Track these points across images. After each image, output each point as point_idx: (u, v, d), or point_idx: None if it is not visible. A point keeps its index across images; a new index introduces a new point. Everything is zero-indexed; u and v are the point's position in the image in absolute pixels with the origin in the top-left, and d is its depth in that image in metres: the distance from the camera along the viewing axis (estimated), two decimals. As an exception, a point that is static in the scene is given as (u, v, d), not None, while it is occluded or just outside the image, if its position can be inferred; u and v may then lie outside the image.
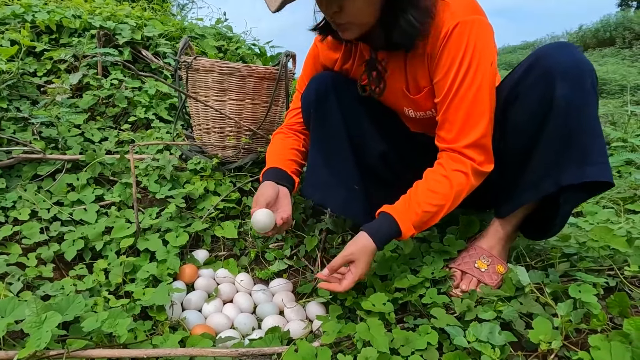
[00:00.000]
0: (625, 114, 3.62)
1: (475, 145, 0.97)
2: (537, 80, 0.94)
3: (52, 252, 1.22)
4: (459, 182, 0.97)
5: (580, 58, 0.91)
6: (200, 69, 1.51)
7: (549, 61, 0.92)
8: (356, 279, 0.96)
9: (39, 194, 1.38)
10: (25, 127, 1.60)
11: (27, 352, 0.74)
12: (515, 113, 1.00)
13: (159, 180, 1.50)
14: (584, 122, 0.90)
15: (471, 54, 0.93)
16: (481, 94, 0.95)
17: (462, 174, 0.97)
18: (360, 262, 0.97)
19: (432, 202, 0.97)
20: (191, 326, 1.06)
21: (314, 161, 1.19)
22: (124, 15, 2.23)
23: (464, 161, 0.97)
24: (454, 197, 0.97)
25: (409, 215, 0.97)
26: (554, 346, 0.81)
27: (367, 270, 0.98)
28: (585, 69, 0.90)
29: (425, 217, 0.98)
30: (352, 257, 0.97)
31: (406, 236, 0.98)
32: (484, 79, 0.94)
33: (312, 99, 1.16)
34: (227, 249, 1.43)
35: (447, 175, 0.98)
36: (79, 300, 0.89)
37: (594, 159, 0.90)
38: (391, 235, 0.98)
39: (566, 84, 0.90)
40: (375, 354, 0.80)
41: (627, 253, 1.00)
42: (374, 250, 0.97)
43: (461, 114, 0.96)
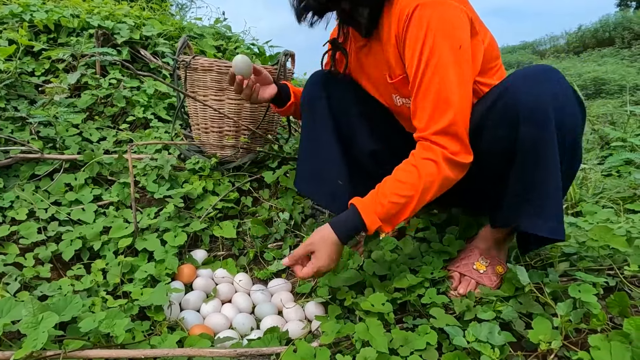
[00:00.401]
0: (624, 113, 3.62)
1: (445, 133, 0.90)
2: (503, 118, 0.91)
3: (49, 252, 1.21)
4: (428, 172, 0.90)
5: (547, 97, 0.85)
6: (198, 68, 1.50)
7: (514, 101, 0.88)
8: (315, 269, 0.95)
9: (37, 194, 1.37)
10: (23, 127, 1.60)
11: (23, 352, 0.73)
12: (483, 145, 0.96)
13: (157, 180, 1.50)
14: (543, 173, 0.88)
15: (433, 38, 0.88)
16: (447, 79, 0.89)
17: (431, 163, 0.90)
18: (319, 253, 0.95)
19: (399, 192, 0.91)
20: (189, 326, 1.06)
21: (303, 155, 1.27)
22: (123, 15, 2.23)
23: (433, 149, 0.91)
24: (423, 188, 0.90)
25: (374, 207, 0.92)
26: (553, 346, 0.80)
27: (327, 261, 0.95)
28: (549, 112, 0.84)
29: (393, 208, 0.91)
30: (312, 248, 0.96)
31: (372, 229, 0.92)
32: (450, 63, 0.89)
33: (306, 96, 1.24)
34: (226, 249, 1.43)
35: (416, 164, 0.92)
36: (76, 301, 0.89)
37: (548, 215, 0.90)
38: (355, 228, 0.94)
39: (529, 129, 0.86)
40: (374, 354, 0.80)
41: (627, 252, 1.00)
42: (336, 241, 0.94)
43: (429, 101, 0.91)
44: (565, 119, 0.86)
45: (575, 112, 0.88)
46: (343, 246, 0.97)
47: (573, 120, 0.88)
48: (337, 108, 1.21)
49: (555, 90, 0.86)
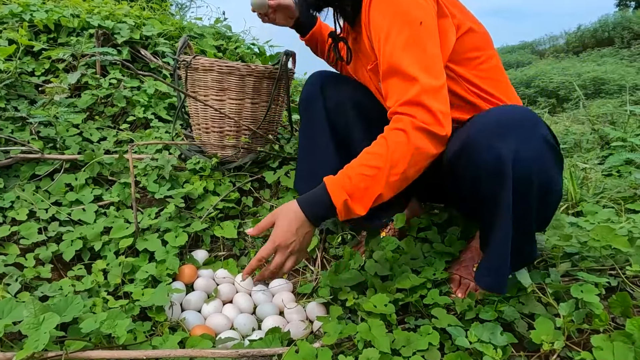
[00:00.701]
0: (624, 113, 3.62)
1: (412, 103, 0.86)
2: (464, 170, 0.91)
3: (50, 253, 1.21)
4: (396, 141, 0.85)
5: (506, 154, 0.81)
6: (199, 68, 1.50)
7: (474, 158, 0.86)
8: (271, 240, 0.89)
9: (37, 194, 1.37)
10: (23, 127, 1.59)
11: (25, 353, 0.73)
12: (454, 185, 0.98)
13: (158, 180, 1.50)
14: (494, 229, 0.88)
15: (391, 17, 0.89)
16: (410, 55, 0.87)
17: (399, 132, 0.85)
18: (278, 223, 0.90)
19: (365, 163, 0.86)
20: (191, 327, 1.06)
21: (301, 156, 1.30)
22: (123, 15, 2.22)
23: (402, 119, 0.87)
24: (392, 158, 0.84)
25: (341, 181, 0.87)
26: (556, 346, 0.80)
27: (286, 235, 0.88)
28: (506, 169, 0.81)
29: (361, 181, 0.85)
30: (273, 218, 0.91)
31: (338, 203, 0.85)
32: (411, 40, 0.87)
33: (303, 98, 1.26)
34: (227, 249, 1.43)
35: (384, 136, 0.88)
36: (77, 301, 0.88)
37: (486, 267, 0.92)
38: (319, 200, 0.88)
39: (488, 184, 0.85)
40: (376, 355, 0.80)
41: (629, 253, 0.99)
42: (298, 214, 0.88)
43: (394, 78, 0.89)
44: (530, 174, 0.82)
45: (542, 164, 0.83)
46: (310, 226, 0.90)
47: (539, 172, 0.83)
48: (333, 109, 1.22)
49: (517, 147, 0.81)
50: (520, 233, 0.87)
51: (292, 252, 0.91)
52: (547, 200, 0.90)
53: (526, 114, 0.85)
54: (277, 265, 0.92)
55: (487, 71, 1.03)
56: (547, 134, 0.86)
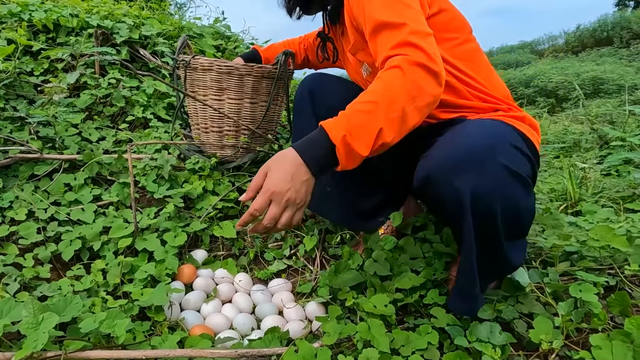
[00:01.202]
0: (623, 113, 3.63)
1: (403, 44, 0.83)
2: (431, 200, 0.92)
3: (49, 253, 1.21)
4: (390, 76, 0.81)
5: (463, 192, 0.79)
6: (198, 67, 1.50)
7: (437, 193, 0.85)
8: (264, 189, 0.79)
9: (36, 194, 1.37)
10: (22, 127, 1.59)
11: (23, 353, 0.73)
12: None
13: (157, 179, 1.50)
14: (462, 254, 0.87)
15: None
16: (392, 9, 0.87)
17: (394, 69, 0.81)
18: (271, 171, 0.80)
19: (363, 99, 0.81)
20: (190, 326, 1.06)
21: None
22: (122, 14, 2.22)
23: (394, 59, 0.83)
24: (389, 93, 0.80)
25: (338, 120, 0.81)
26: (555, 346, 0.80)
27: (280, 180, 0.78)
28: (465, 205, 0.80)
29: (358, 117, 0.79)
30: (266, 169, 0.81)
31: (337, 139, 0.77)
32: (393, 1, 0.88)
33: (296, 100, 1.27)
34: (226, 249, 1.43)
35: (379, 76, 0.83)
36: (76, 301, 0.88)
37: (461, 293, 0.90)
38: (317, 140, 0.80)
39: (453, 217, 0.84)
40: (376, 355, 0.80)
41: (628, 252, 1.00)
42: (295, 158, 0.79)
43: (382, 33, 0.88)
44: (491, 206, 0.80)
45: (503, 193, 0.81)
46: (307, 171, 0.80)
47: (502, 201, 0.81)
48: (322, 111, 1.21)
49: (473, 182, 0.79)
50: (489, 254, 0.87)
51: (289, 202, 0.79)
52: (518, 220, 0.88)
53: (483, 142, 0.82)
54: (272, 217, 0.79)
55: (465, 53, 1.01)
56: (507, 160, 0.81)
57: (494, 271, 0.92)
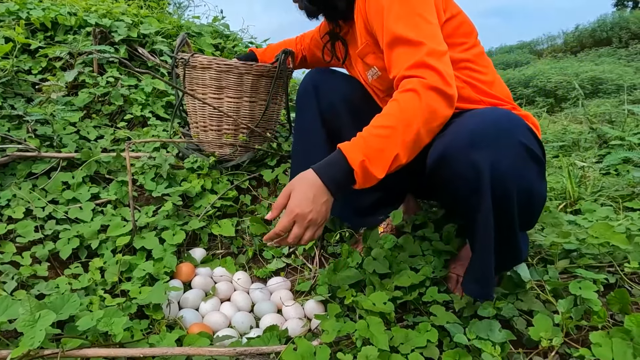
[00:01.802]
0: (622, 112, 3.63)
1: (420, 65, 0.85)
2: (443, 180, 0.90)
3: (47, 251, 1.20)
4: (407, 99, 0.84)
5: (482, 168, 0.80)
6: (197, 66, 1.50)
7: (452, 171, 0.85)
8: (288, 211, 0.84)
9: (34, 192, 1.36)
10: (20, 125, 1.58)
11: (20, 351, 0.72)
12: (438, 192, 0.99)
13: (155, 178, 1.49)
14: (473, 238, 0.89)
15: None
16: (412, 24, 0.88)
17: (410, 92, 0.84)
18: (294, 193, 0.84)
19: (379, 124, 0.84)
20: (188, 325, 1.05)
21: (295, 153, 1.30)
22: (120, 13, 2.21)
23: (411, 81, 0.86)
24: (405, 117, 0.83)
25: (355, 143, 0.84)
26: (554, 343, 0.80)
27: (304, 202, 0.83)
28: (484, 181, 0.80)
29: (376, 142, 0.82)
30: (289, 189, 0.86)
31: (355, 163, 0.82)
32: (413, 10, 0.89)
33: (298, 97, 1.27)
34: (225, 247, 1.42)
35: (395, 98, 0.86)
36: (74, 299, 0.88)
37: (471, 277, 0.92)
38: (336, 163, 0.84)
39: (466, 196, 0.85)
40: (375, 353, 0.79)
41: (627, 250, 1.00)
42: (315, 180, 0.84)
43: (399, 47, 0.89)
44: (508, 184, 0.82)
45: (520, 172, 0.83)
46: (327, 192, 0.85)
47: (519, 181, 0.82)
48: (326, 109, 1.22)
49: (492, 158, 0.80)
50: (504, 239, 0.87)
51: (311, 222, 0.85)
52: (530, 205, 0.89)
53: (502, 121, 0.83)
54: (296, 236, 0.85)
55: (473, 55, 1.04)
56: (526, 140, 0.83)
57: (506, 258, 0.91)
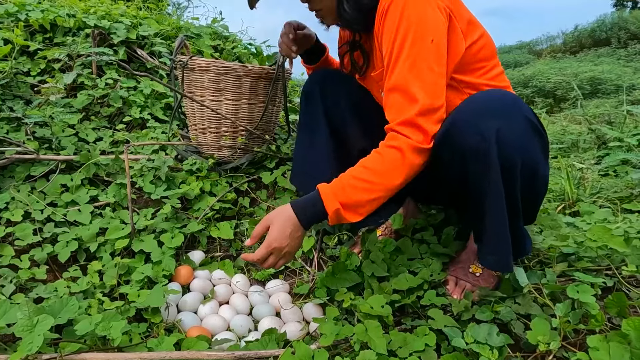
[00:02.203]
0: (621, 113, 3.63)
1: (410, 124, 0.90)
2: (452, 156, 0.91)
3: (45, 254, 1.20)
4: (391, 158, 0.90)
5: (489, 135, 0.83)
6: (196, 68, 1.50)
7: (458, 137, 0.88)
8: (266, 244, 0.91)
9: (32, 195, 1.36)
10: (19, 127, 1.59)
11: (18, 356, 0.72)
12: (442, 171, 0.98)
13: (154, 180, 1.49)
14: (487, 210, 0.89)
15: (405, 31, 0.90)
16: (416, 72, 0.90)
17: (395, 150, 0.90)
18: (272, 227, 0.92)
19: (360, 176, 0.91)
20: (187, 328, 1.05)
21: (298, 151, 1.30)
22: (119, 14, 2.21)
23: (398, 138, 0.91)
24: (386, 174, 0.90)
25: (334, 189, 0.91)
26: (552, 347, 0.80)
27: (280, 237, 0.91)
28: (491, 148, 0.83)
29: (354, 193, 0.90)
30: (267, 222, 0.94)
31: (330, 210, 0.89)
32: (419, 56, 0.89)
33: (304, 94, 1.27)
34: (223, 250, 1.42)
35: (380, 152, 0.92)
36: (72, 303, 0.88)
37: (493, 249, 0.92)
38: (312, 206, 0.91)
39: (473, 166, 0.87)
40: (373, 356, 0.80)
41: (625, 253, 1.00)
42: (292, 218, 0.92)
43: (397, 92, 0.92)
44: (512, 153, 0.84)
45: (525, 143, 0.85)
46: (302, 229, 0.93)
47: (523, 151, 0.85)
48: (332, 107, 1.24)
49: (499, 125, 0.83)
50: (511, 217, 0.88)
51: (285, 254, 0.95)
52: (534, 185, 0.91)
53: (508, 97, 0.88)
54: (270, 265, 0.95)
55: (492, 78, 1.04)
56: (531, 116, 0.87)
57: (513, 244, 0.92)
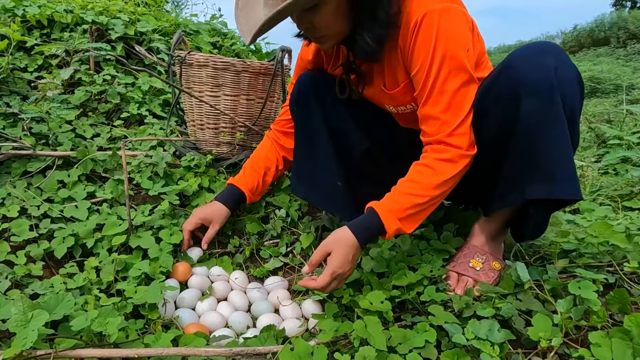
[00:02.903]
0: (621, 112, 3.63)
1: (458, 134, 0.94)
2: (503, 94, 0.92)
3: (41, 250, 1.19)
4: (444, 170, 0.94)
5: (549, 69, 0.86)
6: (194, 63, 1.48)
7: (516, 74, 0.89)
8: (330, 271, 0.92)
9: (29, 191, 1.35)
10: (15, 123, 1.57)
11: (12, 351, 0.71)
12: (485, 123, 0.97)
13: (152, 176, 1.48)
14: (548, 141, 0.88)
15: (443, 45, 0.91)
16: (460, 84, 0.93)
17: (448, 163, 0.94)
18: (335, 254, 0.93)
19: (415, 192, 0.94)
20: (184, 325, 1.04)
21: (298, 158, 1.25)
22: (117, 10, 2.20)
23: (450, 150, 0.95)
24: (440, 185, 0.94)
25: (391, 207, 0.94)
26: (554, 343, 0.79)
27: (343, 263, 0.93)
28: (553, 83, 0.85)
29: (411, 208, 0.94)
30: (327, 249, 0.94)
31: (390, 230, 0.93)
32: (460, 67, 0.92)
33: (295, 98, 1.22)
34: (222, 247, 1.41)
35: (430, 165, 0.95)
36: (68, 299, 0.87)
37: (561, 177, 0.88)
38: (372, 228, 0.94)
39: (531, 101, 0.87)
40: (373, 353, 0.79)
41: (627, 249, 0.99)
42: (354, 243, 0.94)
43: (441, 106, 0.94)
44: (565, 91, 0.86)
45: (574, 86, 0.89)
46: (360, 250, 0.96)
47: (573, 93, 0.88)
48: (329, 107, 1.20)
49: (556, 63, 0.86)
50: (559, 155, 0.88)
51: (346, 277, 0.97)
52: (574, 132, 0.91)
53: (559, 47, 0.91)
54: (332, 289, 0.97)
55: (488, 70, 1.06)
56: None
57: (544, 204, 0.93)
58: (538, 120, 0.87)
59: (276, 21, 0.90)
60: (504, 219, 1.06)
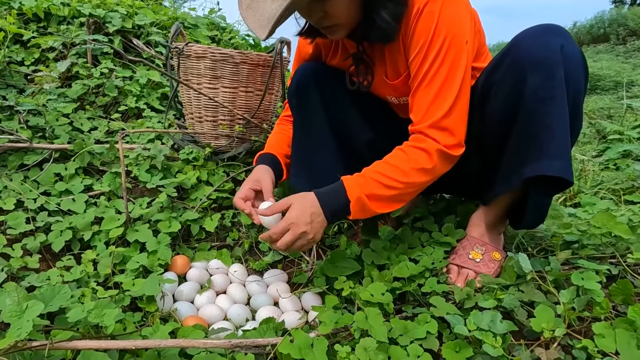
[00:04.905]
0: (621, 108, 3.62)
1: (440, 127, 0.92)
2: (509, 71, 0.91)
3: (38, 243, 1.18)
4: (416, 158, 0.92)
5: (556, 47, 0.85)
6: (192, 55, 1.47)
7: (521, 51, 0.89)
8: (286, 221, 0.91)
9: (25, 184, 1.33)
10: (12, 116, 1.55)
11: (7, 342, 0.70)
12: (490, 103, 0.96)
13: (150, 169, 1.46)
14: (547, 117, 0.87)
15: (443, 34, 0.90)
16: (452, 75, 0.91)
17: (422, 151, 0.93)
18: (293, 206, 0.92)
19: (383, 172, 0.93)
20: (183, 317, 1.03)
21: (297, 151, 1.22)
22: (114, 3, 2.18)
23: (427, 141, 0.93)
24: (410, 172, 0.92)
25: (358, 181, 0.93)
26: (557, 334, 0.78)
27: (300, 216, 0.90)
28: (558, 59, 0.84)
29: (377, 187, 0.92)
30: (288, 201, 0.94)
31: (353, 198, 0.91)
32: (456, 59, 0.91)
33: (293, 90, 1.19)
34: (221, 240, 1.40)
35: (406, 151, 0.94)
36: (64, 290, 0.85)
37: (551, 154, 0.86)
38: (336, 195, 0.93)
39: (536, 77, 0.86)
40: (374, 344, 0.77)
41: (630, 240, 0.98)
42: (314, 202, 0.93)
43: (430, 95, 0.92)
44: (570, 71, 0.86)
45: (579, 67, 0.88)
46: (323, 215, 0.93)
47: (577, 74, 0.87)
48: (329, 99, 1.17)
49: (562, 42, 0.86)
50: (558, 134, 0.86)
51: (303, 234, 0.92)
52: (577, 115, 0.91)
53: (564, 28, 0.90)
54: (287, 243, 0.92)
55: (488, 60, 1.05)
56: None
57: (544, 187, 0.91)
58: (541, 96, 0.86)
59: (291, 11, 0.88)
60: (502, 207, 1.05)
